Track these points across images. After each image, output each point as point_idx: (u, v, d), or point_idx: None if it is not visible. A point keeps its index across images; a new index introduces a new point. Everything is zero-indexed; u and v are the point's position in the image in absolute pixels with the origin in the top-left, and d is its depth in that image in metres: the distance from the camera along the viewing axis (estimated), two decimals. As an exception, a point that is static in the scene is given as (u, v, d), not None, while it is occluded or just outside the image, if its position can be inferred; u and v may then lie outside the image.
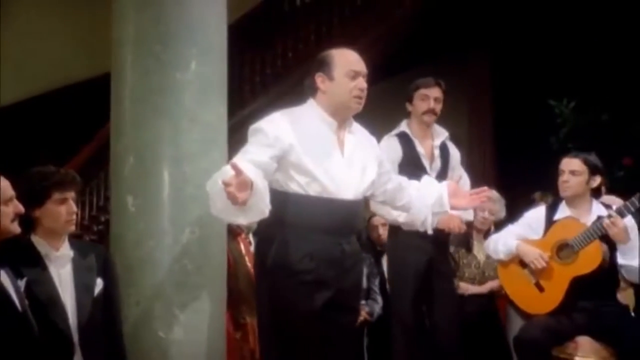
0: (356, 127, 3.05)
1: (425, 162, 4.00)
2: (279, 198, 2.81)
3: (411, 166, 3.98)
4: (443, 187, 3.20)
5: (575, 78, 6.27)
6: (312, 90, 2.97)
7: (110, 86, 3.24)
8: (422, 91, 4.03)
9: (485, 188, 3.19)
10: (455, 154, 4.16)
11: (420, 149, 4.02)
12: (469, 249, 4.63)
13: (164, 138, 3.08)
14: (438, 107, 4.05)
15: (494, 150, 7.31)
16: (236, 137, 3.75)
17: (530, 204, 4.72)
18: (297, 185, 2.83)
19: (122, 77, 3.16)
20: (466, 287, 4.54)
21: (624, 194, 4.49)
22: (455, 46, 6.85)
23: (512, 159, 6.79)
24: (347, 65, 2.94)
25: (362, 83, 2.94)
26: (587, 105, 6.24)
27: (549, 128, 6.34)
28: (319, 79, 2.95)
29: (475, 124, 7.30)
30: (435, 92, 4.04)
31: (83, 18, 7.49)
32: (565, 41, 6.39)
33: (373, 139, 3.17)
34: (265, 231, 2.95)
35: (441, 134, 4.12)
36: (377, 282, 4.71)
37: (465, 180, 4.18)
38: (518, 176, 6.00)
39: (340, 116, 2.95)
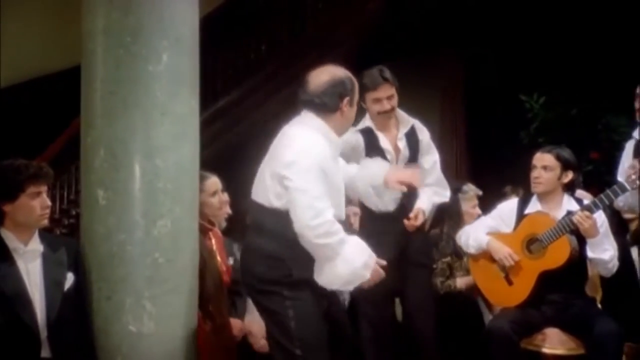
0: None
1: (390, 157, 3.84)
2: (285, 218, 2.85)
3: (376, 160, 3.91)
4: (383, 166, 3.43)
5: (546, 73, 6.34)
6: (330, 109, 3.01)
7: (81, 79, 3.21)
8: (372, 95, 3.74)
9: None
10: (424, 137, 3.92)
11: (384, 143, 3.84)
12: (458, 255, 4.38)
13: (135, 131, 3.06)
14: (392, 104, 3.77)
15: (466, 144, 7.36)
16: (208, 130, 3.74)
17: (501, 197, 4.76)
18: None
19: (93, 69, 3.13)
20: (459, 282, 4.41)
21: (592, 188, 4.56)
22: (427, 41, 6.87)
23: (483, 153, 6.85)
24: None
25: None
26: (557, 100, 6.32)
27: (520, 122, 6.41)
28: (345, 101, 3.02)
29: (446, 118, 7.34)
30: (386, 91, 3.73)
31: (57, 9, 7.40)
32: (537, 37, 6.45)
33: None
34: (271, 249, 2.93)
35: (406, 123, 3.88)
36: None
37: (435, 161, 3.97)
38: (489, 170, 6.05)
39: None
